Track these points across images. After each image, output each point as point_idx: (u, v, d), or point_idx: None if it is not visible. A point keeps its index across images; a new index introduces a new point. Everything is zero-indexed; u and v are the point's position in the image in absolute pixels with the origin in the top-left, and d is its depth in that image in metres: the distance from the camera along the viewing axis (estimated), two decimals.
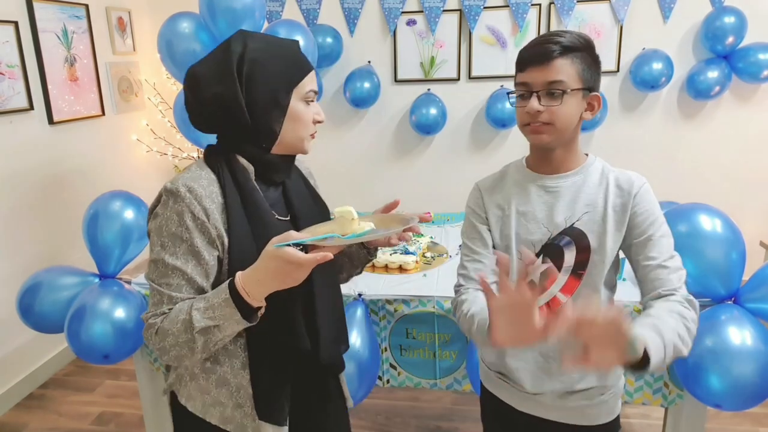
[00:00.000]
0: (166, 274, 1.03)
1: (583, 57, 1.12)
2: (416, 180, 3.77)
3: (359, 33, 3.59)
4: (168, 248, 1.03)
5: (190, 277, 1.03)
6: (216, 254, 1.05)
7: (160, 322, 1.01)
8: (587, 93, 1.14)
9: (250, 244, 1.04)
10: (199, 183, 1.04)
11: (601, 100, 1.16)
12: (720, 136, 3.41)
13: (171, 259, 1.02)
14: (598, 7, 3.32)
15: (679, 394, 1.80)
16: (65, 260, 2.95)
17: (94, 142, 3.33)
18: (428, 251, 2.23)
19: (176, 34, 2.52)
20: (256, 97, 1.04)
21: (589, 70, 1.12)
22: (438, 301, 1.84)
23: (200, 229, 1.02)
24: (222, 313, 0.98)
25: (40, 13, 2.88)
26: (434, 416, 2.56)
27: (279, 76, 1.06)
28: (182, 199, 1.02)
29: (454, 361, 1.91)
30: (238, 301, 0.97)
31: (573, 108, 1.12)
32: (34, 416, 2.69)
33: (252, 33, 1.08)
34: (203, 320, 0.98)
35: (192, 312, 0.99)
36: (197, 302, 1.00)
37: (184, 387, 1.15)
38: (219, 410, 1.12)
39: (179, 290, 1.03)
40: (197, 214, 1.02)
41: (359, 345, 1.77)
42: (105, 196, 2.11)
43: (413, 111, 3.49)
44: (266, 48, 1.06)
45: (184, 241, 1.02)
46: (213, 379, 1.12)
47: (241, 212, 1.05)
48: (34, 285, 2.02)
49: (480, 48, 3.48)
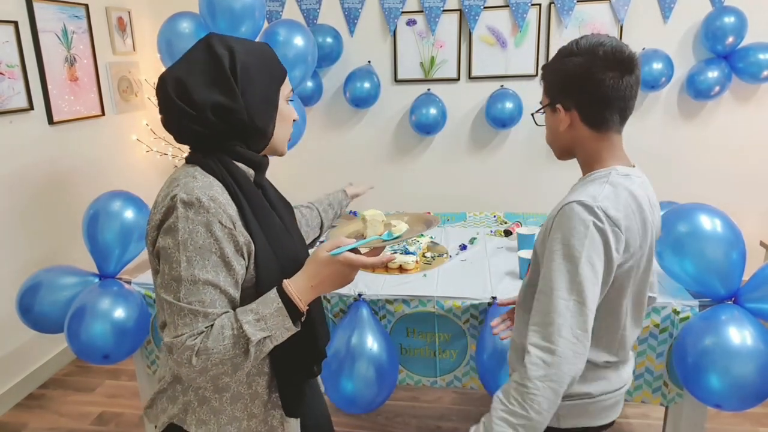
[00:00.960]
0: (197, 290, 0.96)
1: (550, 73, 1.18)
2: (416, 180, 3.77)
3: (359, 33, 3.59)
4: (196, 263, 0.96)
5: (223, 290, 0.98)
6: (243, 263, 1.02)
7: (200, 343, 0.95)
8: (552, 107, 1.18)
9: (268, 249, 1.06)
10: (215, 191, 1.00)
11: (560, 109, 1.16)
12: (720, 136, 3.41)
13: (201, 274, 0.96)
14: (598, 7, 3.32)
15: (679, 393, 1.81)
16: (65, 260, 2.95)
17: (94, 142, 3.33)
18: (428, 251, 2.23)
19: (176, 34, 2.52)
20: (253, 99, 1.03)
21: (551, 83, 1.18)
22: (438, 301, 1.84)
23: (229, 238, 0.99)
24: (274, 322, 0.97)
25: (40, 13, 2.88)
26: (434, 416, 2.56)
27: (268, 77, 1.07)
28: (206, 210, 0.97)
29: (455, 360, 1.91)
30: (291, 310, 0.99)
31: (548, 123, 1.22)
32: (34, 416, 2.69)
33: (224, 36, 1.07)
34: (258, 332, 0.96)
35: (243, 326, 0.95)
36: (243, 315, 0.97)
37: (192, 414, 1.10)
38: (236, 426, 1.11)
39: (213, 306, 0.97)
40: (225, 223, 0.98)
41: (376, 349, 1.79)
42: (105, 196, 2.11)
43: (413, 111, 3.49)
44: (249, 50, 1.06)
45: (213, 252, 0.97)
46: (227, 397, 1.10)
47: (253, 217, 1.05)
48: (34, 285, 2.02)
49: (480, 48, 3.48)
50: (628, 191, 1.10)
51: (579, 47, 1.11)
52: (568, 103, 1.14)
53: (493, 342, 1.72)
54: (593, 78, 1.09)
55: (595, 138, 1.15)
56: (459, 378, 1.93)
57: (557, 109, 1.16)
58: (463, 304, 1.83)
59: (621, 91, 1.10)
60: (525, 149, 3.63)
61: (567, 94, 1.14)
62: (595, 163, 1.17)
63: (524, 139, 3.61)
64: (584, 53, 1.10)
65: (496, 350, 1.72)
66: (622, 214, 1.07)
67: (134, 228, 2.06)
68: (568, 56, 1.12)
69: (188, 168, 1.05)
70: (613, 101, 1.11)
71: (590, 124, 1.14)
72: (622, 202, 1.08)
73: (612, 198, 1.08)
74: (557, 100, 1.16)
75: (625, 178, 1.13)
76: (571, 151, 1.21)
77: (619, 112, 1.13)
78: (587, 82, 1.10)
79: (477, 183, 3.71)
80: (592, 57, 1.09)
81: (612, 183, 1.11)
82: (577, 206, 1.06)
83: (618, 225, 1.06)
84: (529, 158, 3.64)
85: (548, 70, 1.18)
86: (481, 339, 1.80)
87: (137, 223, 2.07)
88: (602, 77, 1.09)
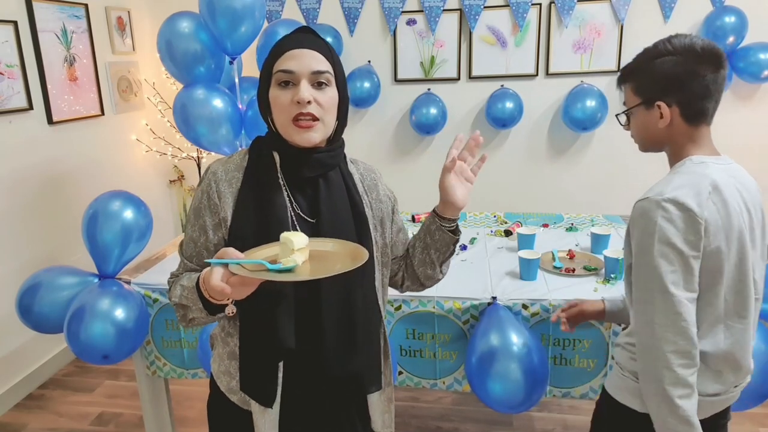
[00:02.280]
0: (186, 242, 1.14)
1: (643, 74, 1.22)
2: (416, 180, 3.76)
3: (359, 33, 3.59)
4: (190, 220, 1.13)
5: (199, 251, 1.12)
6: (221, 236, 1.10)
7: (172, 283, 1.13)
8: (649, 105, 1.21)
9: (250, 234, 1.05)
10: (226, 166, 1.12)
11: (664, 107, 1.20)
12: (720, 135, 3.37)
13: (190, 230, 1.13)
14: (598, 7, 3.32)
15: None
16: (65, 260, 2.95)
17: (94, 142, 3.33)
18: None
19: (176, 33, 2.52)
20: (258, 92, 1.11)
21: (646, 83, 1.22)
22: (438, 301, 1.84)
23: (212, 209, 1.10)
24: (192, 297, 1.04)
25: (39, 12, 2.88)
26: (434, 416, 2.56)
27: (265, 66, 1.09)
28: (206, 179, 1.12)
29: (455, 361, 1.91)
30: (201, 293, 1.01)
31: (640, 121, 1.26)
32: (33, 416, 2.69)
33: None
34: (179, 297, 1.07)
35: (177, 286, 1.09)
36: (185, 279, 1.08)
37: (215, 348, 1.23)
38: (226, 380, 1.17)
39: (191, 260, 1.14)
40: (211, 195, 1.10)
41: None
42: (104, 196, 2.11)
43: (413, 111, 3.49)
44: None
45: (201, 217, 1.11)
46: (227, 350, 1.17)
47: (253, 201, 1.07)
48: (34, 285, 2.02)
49: (480, 48, 3.48)
50: (702, 176, 1.15)
51: (674, 47, 1.17)
52: (670, 100, 1.19)
53: (482, 345, 1.71)
54: (696, 74, 1.16)
55: (689, 131, 1.21)
56: (459, 381, 1.92)
57: (657, 107, 1.20)
58: (463, 304, 1.82)
59: (718, 84, 1.17)
60: (525, 149, 3.63)
61: (669, 91, 1.19)
62: (682, 155, 1.22)
63: (524, 139, 3.61)
64: (682, 52, 1.16)
65: (484, 354, 1.69)
66: (694, 201, 1.10)
67: (134, 228, 2.06)
68: (663, 56, 1.18)
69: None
70: (711, 95, 1.18)
71: (688, 119, 1.19)
72: (694, 188, 1.12)
73: (684, 186, 1.13)
74: (657, 98, 1.20)
75: (701, 165, 1.17)
76: (662, 145, 1.26)
77: (713, 105, 1.20)
78: (690, 79, 1.16)
79: (477, 183, 3.65)
80: (691, 55, 1.16)
81: (684, 172, 1.17)
82: (642, 204, 1.15)
83: (690, 210, 1.10)
84: (529, 158, 3.64)
85: (639, 71, 1.23)
86: (472, 342, 1.78)
87: (137, 222, 2.06)
88: (703, 73, 1.16)
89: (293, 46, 1.05)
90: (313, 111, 1.04)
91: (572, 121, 3.34)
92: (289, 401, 1.13)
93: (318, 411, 1.17)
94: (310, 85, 1.04)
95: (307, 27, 1.10)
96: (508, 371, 1.65)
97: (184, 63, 2.54)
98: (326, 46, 1.09)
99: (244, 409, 1.16)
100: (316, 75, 1.04)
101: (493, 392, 1.68)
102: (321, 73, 1.05)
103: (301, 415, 1.15)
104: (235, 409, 1.17)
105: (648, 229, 1.12)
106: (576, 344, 1.81)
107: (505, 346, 1.66)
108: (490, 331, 1.71)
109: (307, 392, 1.15)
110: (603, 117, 3.33)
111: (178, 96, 2.61)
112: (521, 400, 1.67)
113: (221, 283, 0.91)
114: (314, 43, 1.07)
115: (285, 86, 1.04)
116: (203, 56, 2.54)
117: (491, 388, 1.68)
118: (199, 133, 2.59)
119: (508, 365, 1.65)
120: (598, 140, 3.53)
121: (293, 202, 1.10)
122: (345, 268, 0.93)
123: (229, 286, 0.91)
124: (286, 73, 1.04)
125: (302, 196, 1.11)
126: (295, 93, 1.03)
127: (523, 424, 2.51)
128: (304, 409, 1.16)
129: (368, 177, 1.25)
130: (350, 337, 1.12)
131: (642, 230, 1.14)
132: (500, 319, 1.73)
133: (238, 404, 1.17)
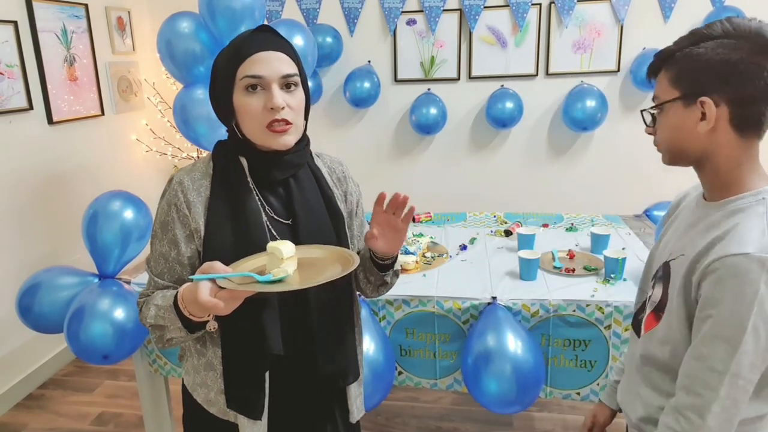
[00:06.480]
0: (154, 259, 1.09)
1: (688, 58, 0.91)
2: (416, 180, 3.77)
3: (359, 33, 3.59)
4: (158, 235, 1.08)
5: (171, 266, 1.07)
6: (194, 247, 1.07)
7: (143, 303, 1.09)
8: (691, 101, 0.92)
9: (227, 243, 1.03)
10: (191, 175, 1.08)
11: (710, 105, 0.90)
12: None
13: (158, 246, 1.08)
14: (598, 7, 3.32)
15: None
16: (65, 260, 2.95)
17: (94, 142, 3.33)
18: (428, 251, 2.22)
19: (176, 33, 2.51)
20: (212, 92, 1.09)
21: (689, 72, 0.91)
22: (438, 301, 1.84)
23: (182, 221, 1.06)
24: (169, 316, 1.00)
25: (39, 12, 2.88)
26: (434, 416, 2.56)
27: (224, 69, 1.04)
28: (171, 190, 1.07)
29: (454, 361, 1.91)
30: (179, 312, 0.98)
31: (672, 122, 0.95)
32: (33, 416, 2.69)
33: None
34: (155, 318, 1.03)
35: (151, 306, 1.04)
36: (159, 298, 1.04)
37: (187, 360, 1.19)
38: (204, 392, 1.14)
39: (162, 277, 1.08)
40: (180, 207, 1.06)
41: (372, 350, 1.76)
42: (104, 196, 2.11)
43: (413, 111, 3.49)
44: (230, 43, 1.06)
45: (169, 230, 1.07)
46: (202, 361, 1.13)
47: (225, 209, 1.05)
48: (34, 285, 2.02)
49: (480, 48, 3.48)
50: None
51: (736, 29, 0.88)
52: (718, 97, 0.89)
53: (478, 345, 1.71)
54: (761, 69, 0.86)
55: (738, 145, 0.92)
56: (459, 381, 1.92)
57: (699, 104, 0.91)
58: (463, 304, 1.82)
59: None
60: (525, 149, 3.63)
61: (719, 85, 0.89)
62: (735, 180, 0.94)
63: (524, 139, 3.60)
64: (745, 37, 0.87)
65: (480, 354, 1.70)
66: None
67: (134, 228, 2.06)
68: (720, 38, 0.89)
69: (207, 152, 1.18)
70: None
71: (739, 127, 0.91)
72: None
73: None
74: (701, 92, 0.90)
75: None
76: (696, 158, 0.96)
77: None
78: (752, 74, 0.87)
79: (477, 183, 3.71)
80: (759, 43, 0.87)
81: None
82: (745, 262, 0.85)
83: None
84: (529, 158, 3.64)
85: (682, 56, 0.92)
86: (468, 342, 1.78)
87: (137, 223, 2.07)
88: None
89: (258, 48, 1.01)
90: (287, 116, 1.02)
91: (572, 121, 3.34)
92: (276, 409, 1.13)
93: (303, 413, 1.18)
94: (279, 88, 1.02)
95: (267, 26, 1.06)
96: (502, 371, 1.66)
97: (184, 63, 2.54)
98: (289, 46, 1.07)
99: (223, 419, 1.14)
100: (286, 78, 1.02)
101: (487, 392, 1.69)
102: (290, 76, 1.03)
103: (287, 420, 1.16)
104: (214, 420, 1.14)
105: (745, 297, 0.84)
106: (576, 345, 1.81)
107: (501, 347, 1.67)
108: (487, 331, 1.71)
109: (294, 396, 1.15)
110: (603, 117, 3.33)
111: (178, 96, 2.61)
112: (514, 400, 1.68)
113: (211, 298, 0.89)
114: (278, 44, 1.04)
115: (253, 91, 1.01)
116: (203, 56, 2.54)
117: (486, 387, 1.68)
118: (199, 133, 2.59)
119: (503, 365, 1.66)
120: (598, 140, 3.53)
121: (266, 205, 1.09)
122: (336, 275, 0.91)
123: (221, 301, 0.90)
124: (254, 78, 1.00)
125: (274, 197, 1.11)
126: (267, 99, 1.00)
127: (523, 424, 2.51)
128: (291, 414, 1.16)
129: (337, 169, 1.23)
130: (338, 334, 1.16)
131: (735, 296, 0.85)
132: (498, 319, 1.73)
133: (217, 415, 1.14)
